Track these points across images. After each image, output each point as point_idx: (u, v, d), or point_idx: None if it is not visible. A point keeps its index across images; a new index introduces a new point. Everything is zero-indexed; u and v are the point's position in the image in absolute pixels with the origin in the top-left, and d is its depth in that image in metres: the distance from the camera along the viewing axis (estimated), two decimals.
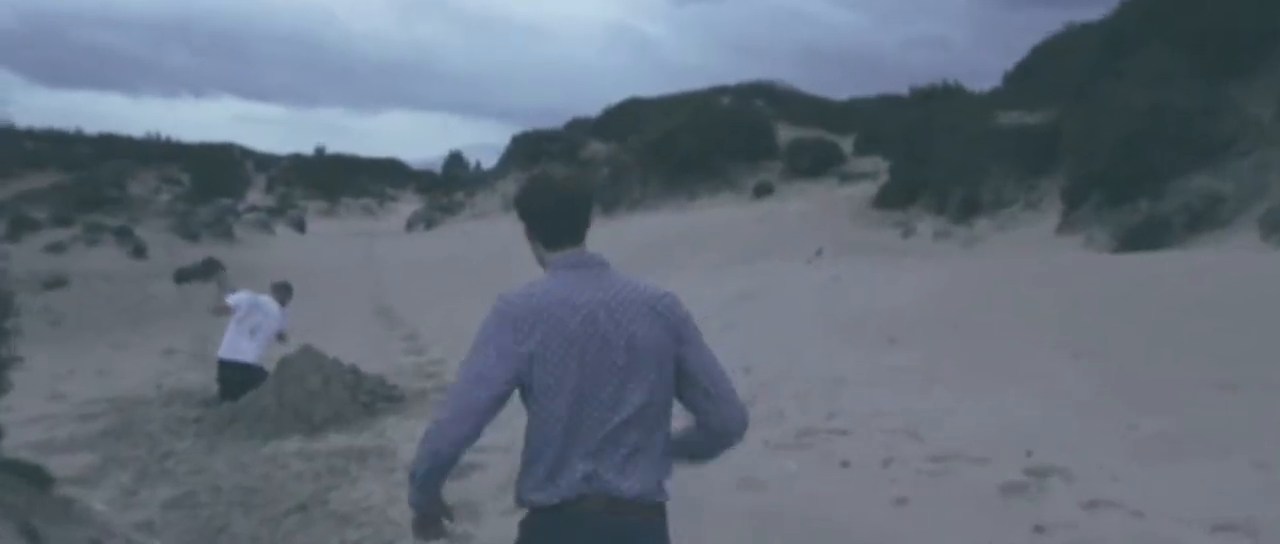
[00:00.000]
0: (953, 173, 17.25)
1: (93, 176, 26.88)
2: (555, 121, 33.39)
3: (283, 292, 9.74)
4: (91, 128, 43.51)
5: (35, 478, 6.80)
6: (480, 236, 27.73)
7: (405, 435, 8.15)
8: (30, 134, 39.19)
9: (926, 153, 18.96)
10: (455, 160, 53.38)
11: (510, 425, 2.73)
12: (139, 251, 22.62)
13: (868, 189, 22.06)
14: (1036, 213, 14.86)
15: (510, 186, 32.11)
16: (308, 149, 51.60)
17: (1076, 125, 14.22)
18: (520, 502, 2.57)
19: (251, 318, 9.28)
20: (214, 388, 9.66)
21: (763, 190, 25.43)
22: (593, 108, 33.81)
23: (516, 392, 2.51)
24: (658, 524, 2.58)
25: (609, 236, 24.51)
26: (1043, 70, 18.61)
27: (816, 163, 25.90)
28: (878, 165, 24.49)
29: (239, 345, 9.34)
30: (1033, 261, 11.65)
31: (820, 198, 23.36)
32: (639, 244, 21.96)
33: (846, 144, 27.07)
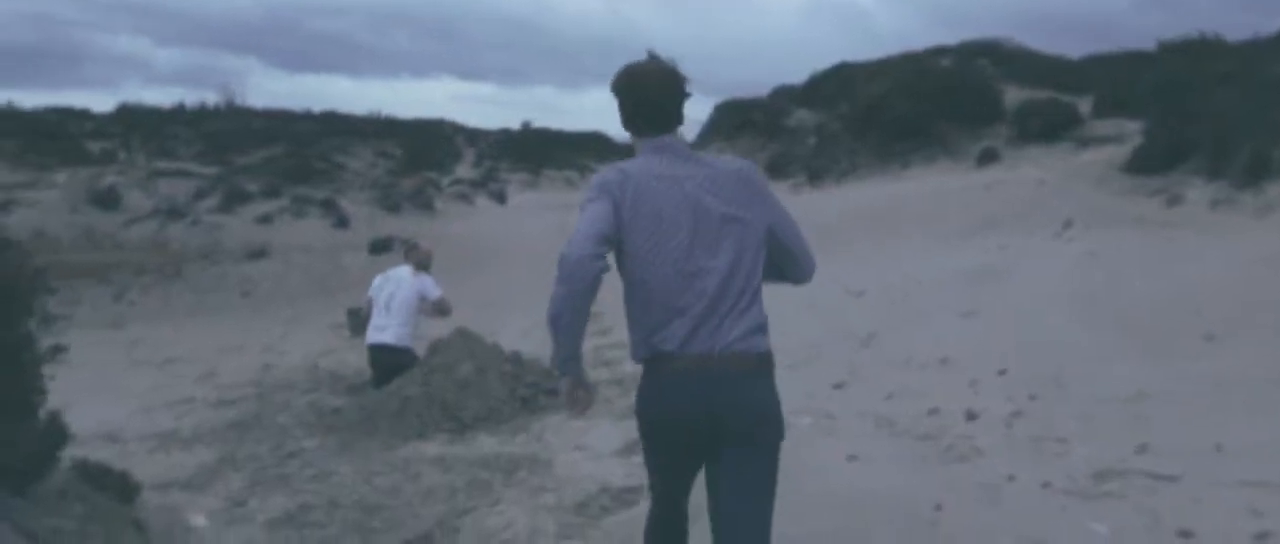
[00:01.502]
0: (1231, 131, 14.13)
1: (299, 150, 26.92)
2: (760, 93, 31.20)
3: (412, 253, 8.22)
4: (320, 108, 44.75)
5: (118, 488, 5.57)
6: None
7: (566, 442, 6.51)
8: (258, 113, 40.62)
9: (1193, 110, 15.80)
10: None
11: None
12: (341, 223, 22.26)
13: (1113, 153, 18.90)
14: None
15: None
16: (516, 124, 51.73)
17: None
18: (634, 359, 2.78)
19: (383, 292, 7.87)
20: (368, 372, 8.36)
21: (987, 157, 22.50)
22: (797, 78, 31.40)
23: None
24: (762, 374, 2.68)
25: (816, 207, 22.29)
26: None
27: (1049, 126, 22.66)
28: (1122, 128, 21.14)
29: (378, 323, 7.96)
30: None
31: (1056, 164, 20.34)
32: (848, 214, 19.73)
33: (1084, 105, 23.68)
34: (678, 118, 2.76)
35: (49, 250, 20.00)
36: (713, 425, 2.63)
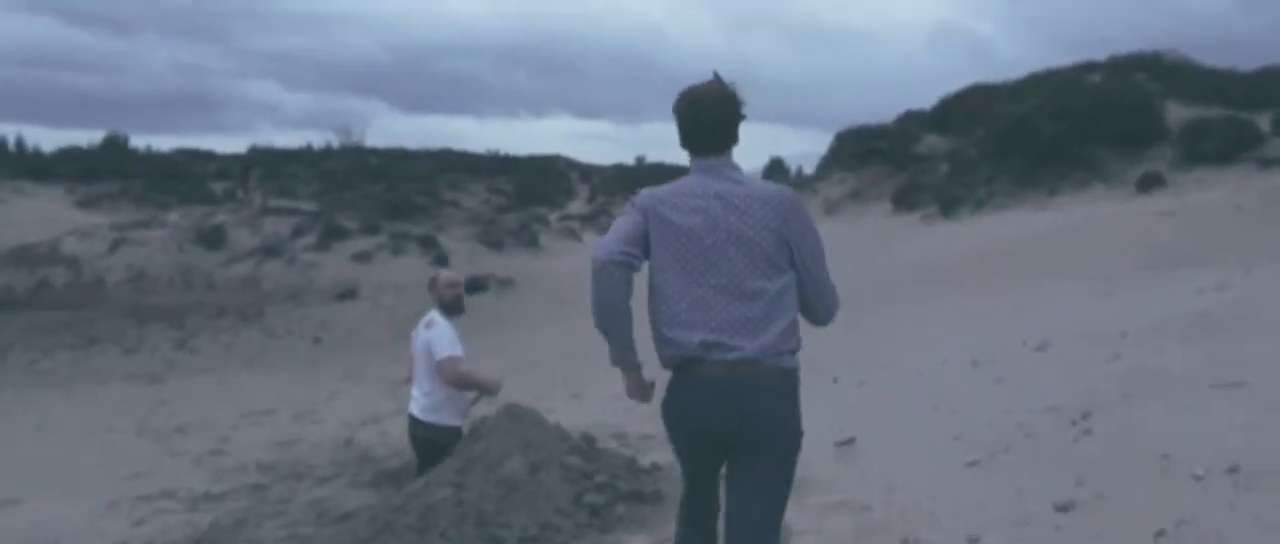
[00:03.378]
0: None
1: (398, 185, 25.46)
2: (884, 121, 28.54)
3: (432, 288, 5.82)
4: (439, 147, 43.95)
5: None
6: None
7: None
8: (374, 152, 39.89)
9: None
10: (776, 166, 49.36)
11: None
12: (441, 260, 20.54)
13: None
14: None
15: (833, 188, 27.73)
16: (631, 161, 49.91)
17: None
18: (662, 365, 2.80)
19: (416, 345, 5.71)
20: (409, 452, 6.19)
21: (1150, 182, 19.43)
22: (922, 106, 28.57)
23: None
24: (782, 387, 2.70)
25: (952, 240, 19.47)
26: None
27: (1224, 146, 19.51)
28: None
29: (414, 388, 5.82)
30: None
31: (1240, 188, 17.20)
32: (992, 248, 16.99)
33: (1262, 122, 20.39)
34: (729, 140, 2.81)
35: (140, 292, 18.83)
36: (726, 432, 2.71)
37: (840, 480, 5.29)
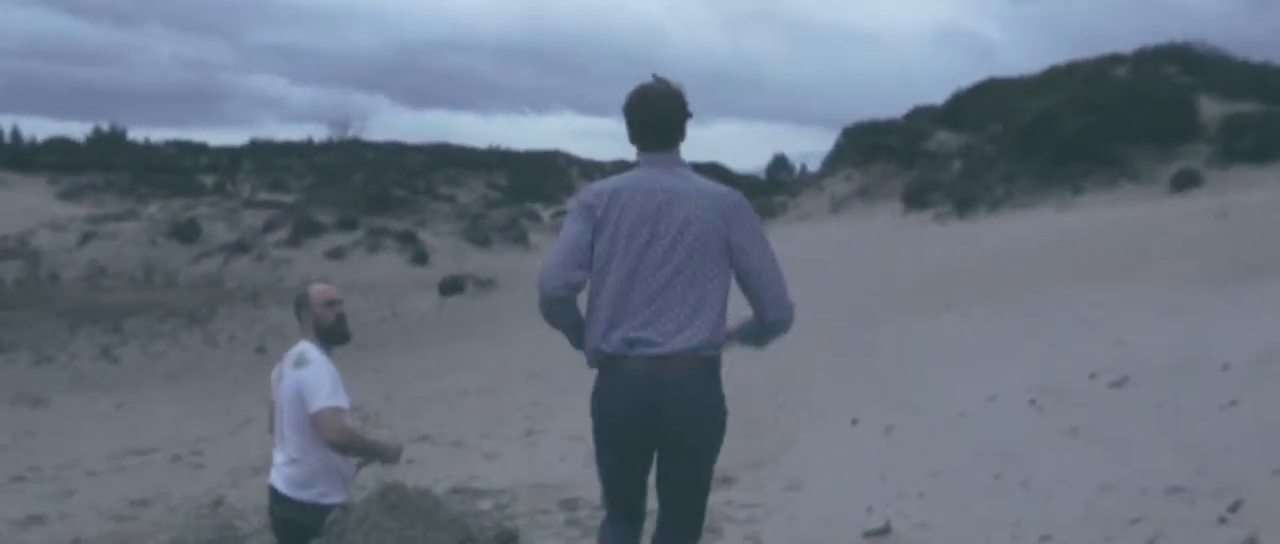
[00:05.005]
0: None
1: (376, 177, 23.62)
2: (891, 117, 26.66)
3: (301, 309, 3.95)
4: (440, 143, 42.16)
5: None
6: (803, 241, 21.55)
7: None
8: (371, 145, 38.05)
9: None
10: (779, 163, 47.36)
11: None
12: (420, 258, 18.74)
13: None
14: None
15: (840, 186, 25.88)
16: (633, 156, 47.91)
17: None
18: (589, 363, 2.77)
19: (278, 400, 3.87)
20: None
21: (1185, 180, 17.61)
22: (932, 101, 26.66)
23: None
24: (701, 373, 2.68)
25: (970, 243, 17.57)
26: None
27: (1263, 143, 17.69)
28: None
29: (274, 458, 3.99)
30: None
31: None
32: (1014, 253, 15.12)
33: None
34: (678, 136, 2.83)
35: (94, 290, 17.06)
36: (657, 424, 2.66)
37: None
